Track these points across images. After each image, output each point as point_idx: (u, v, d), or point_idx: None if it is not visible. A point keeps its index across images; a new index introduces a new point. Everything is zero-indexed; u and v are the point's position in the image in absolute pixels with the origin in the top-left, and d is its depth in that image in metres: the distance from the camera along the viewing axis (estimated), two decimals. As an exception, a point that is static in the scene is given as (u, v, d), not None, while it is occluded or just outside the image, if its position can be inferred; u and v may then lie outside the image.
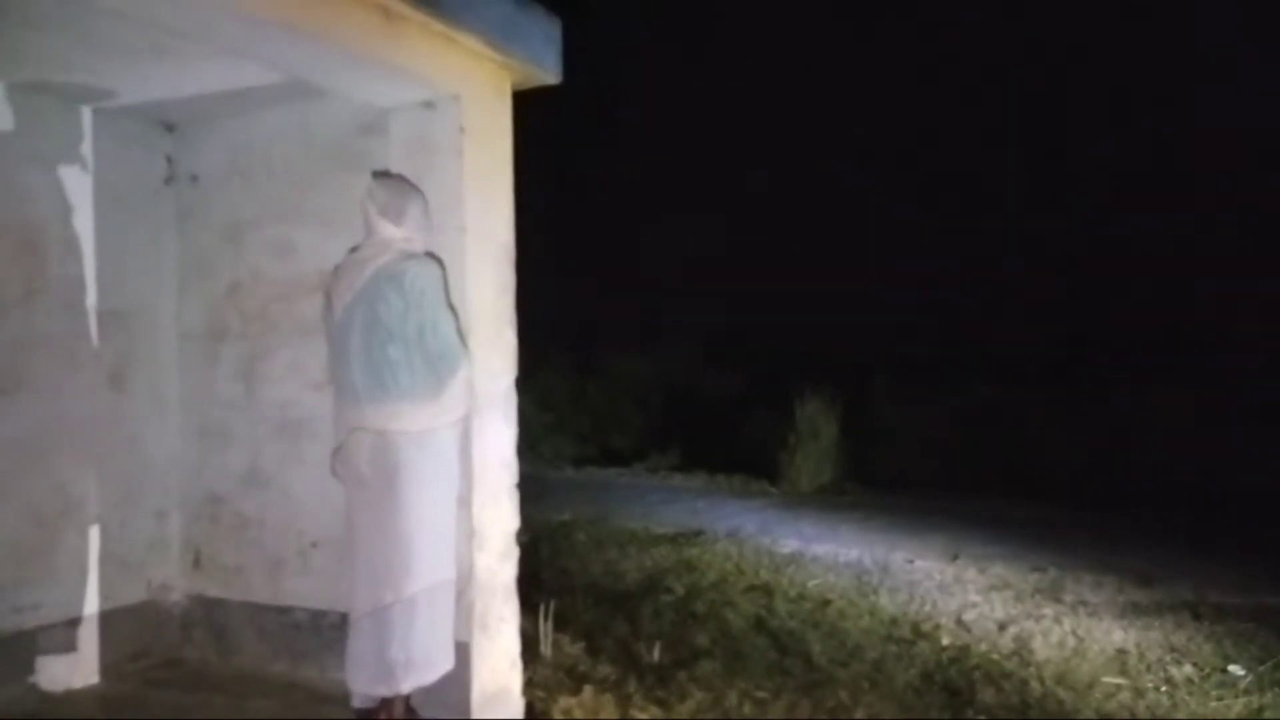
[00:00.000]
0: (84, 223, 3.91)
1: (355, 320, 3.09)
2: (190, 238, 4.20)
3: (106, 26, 3.09)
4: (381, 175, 3.28)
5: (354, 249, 3.26)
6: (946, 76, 13.95)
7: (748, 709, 3.69)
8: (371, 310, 3.06)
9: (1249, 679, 4.11)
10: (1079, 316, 11.83)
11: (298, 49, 3.02)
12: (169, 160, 4.23)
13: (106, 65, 3.48)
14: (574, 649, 4.26)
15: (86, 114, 3.92)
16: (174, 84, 3.67)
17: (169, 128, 4.21)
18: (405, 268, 3.08)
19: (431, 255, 3.22)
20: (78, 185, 3.89)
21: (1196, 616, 5.03)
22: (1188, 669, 4.25)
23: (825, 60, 15.09)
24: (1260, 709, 3.81)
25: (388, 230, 3.15)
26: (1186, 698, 3.92)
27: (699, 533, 6.98)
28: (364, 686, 3.05)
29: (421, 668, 3.02)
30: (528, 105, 3.74)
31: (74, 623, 3.83)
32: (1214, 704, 3.86)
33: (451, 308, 3.18)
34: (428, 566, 3.06)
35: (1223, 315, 10.45)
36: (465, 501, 3.31)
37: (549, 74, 3.64)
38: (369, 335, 3.06)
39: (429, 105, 3.44)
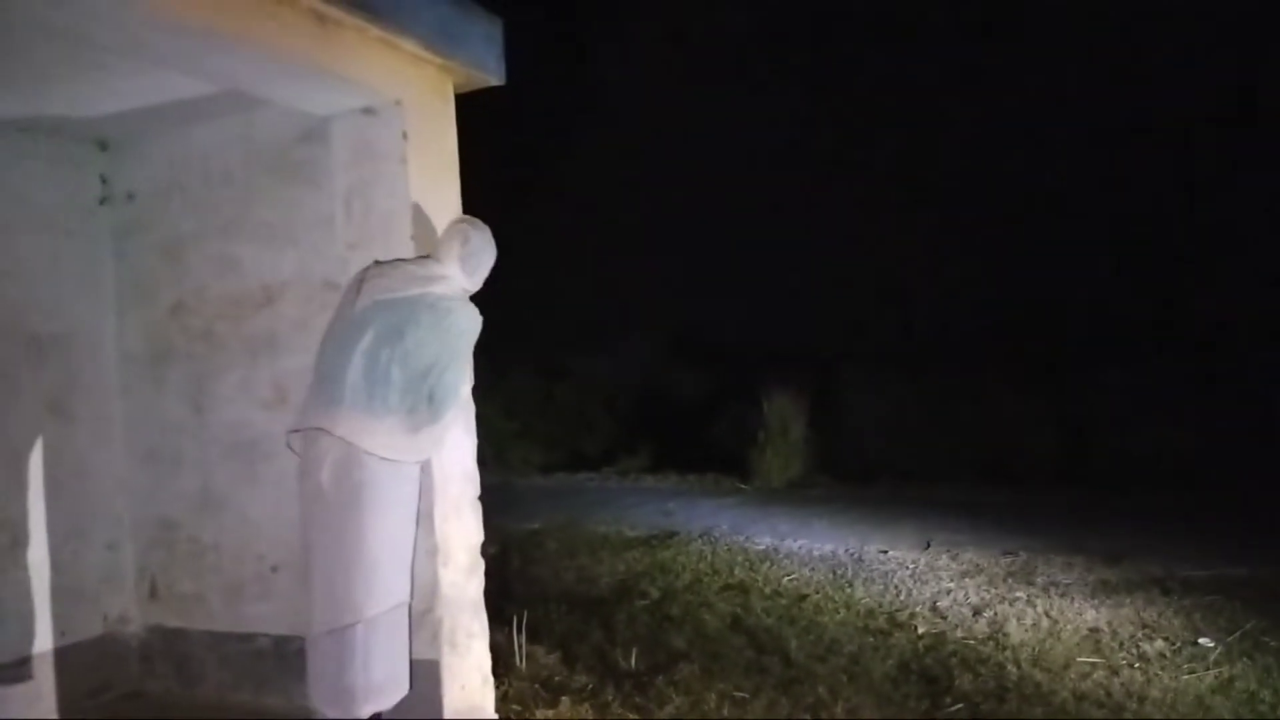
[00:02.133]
0: (17, 247, 3.79)
1: (375, 322, 2.96)
2: (129, 257, 4.07)
3: (32, 44, 2.99)
4: (479, 227, 3.20)
5: (406, 259, 3.17)
6: (897, 64, 14.06)
7: (727, 710, 3.64)
8: (398, 326, 2.95)
9: (1218, 650, 4.14)
10: (1040, 300, 11.95)
11: (231, 58, 2.94)
12: (104, 179, 4.10)
13: (33, 83, 3.36)
14: (549, 660, 4.19)
15: (15, 134, 3.79)
16: (105, 100, 3.56)
17: (102, 146, 4.09)
18: (455, 305, 3.04)
19: (475, 308, 3.15)
20: (9, 209, 3.77)
21: (1165, 592, 5.07)
22: (1159, 644, 4.28)
23: (779, 57, 15.16)
24: (1231, 679, 3.84)
25: (454, 271, 3.10)
26: (1159, 673, 3.94)
27: (672, 534, 6.93)
28: (324, 708, 2.95)
29: (381, 692, 2.93)
30: (477, 106, 3.67)
31: (30, 660, 3.71)
32: (1186, 677, 3.87)
33: (471, 364, 3.12)
34: (390, 588, 2.97)
35: (1184, 297, 10.59)
36: (426, 517, 3.23)
37: (492, 75, 3.58)
38: (382, 345, 2.94)
39: (370, 111, 3.36)
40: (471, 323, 3.08)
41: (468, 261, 3.12)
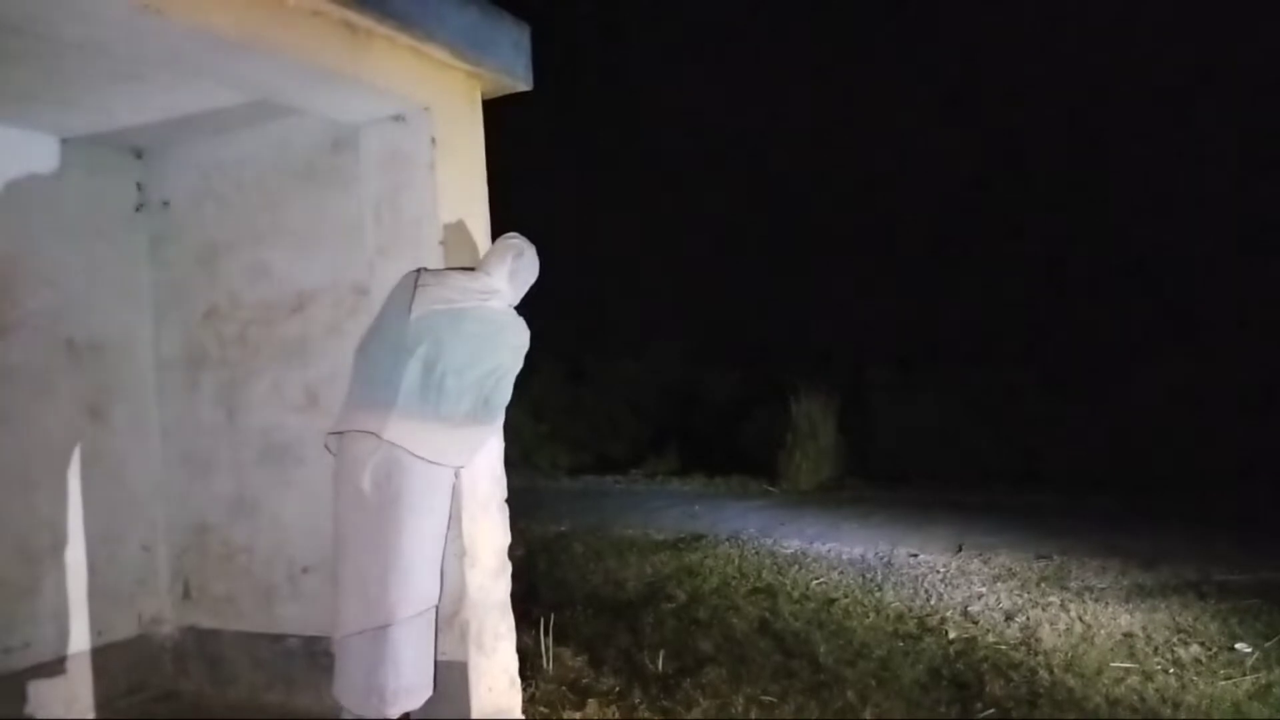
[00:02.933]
0: (56, 254, 3.86)
1: (431, 331, 2.98)
2: (164, 264, 4.14)
3: (71, 57, 3.05)
4: (530, 245, 3.25)
5: (455, 270, 3.21)
6: (932, 66, 13.97)
7: (755, 714, 3.63)
8: (454, 337, 2.99)
9: (1256, 656, 4.07)
10: (1075, 301, 11.81)
11: (263, 69, 2.98)
12: (139, 187, 4.18)
13: (72, 95, 3.43)
14: (576, 662, 4.20)
15: (54, 144, 3.87)
16: (141, 110, 3.63)
17: (138, 154, 4.16)
18: (508, 320, 3.13)
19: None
20: (48, 216, 3.84)
21: (1201, 596, 4.98)
22: (1195, 649, 4.21)
23: (815, 52, 15.10)
24: (1269, 685, 3.76)
25: (503, 285, 3.15)
26: (1195, 678, 3.87)
27: (699, 537, 6.92)
28: (352, 706, 2.99)
29: (410, 693, 2.96)
30: (503, 106, 3.70)
31: (67, 660, 3.77)
32: (1222, 683, 3.81)
33: (518, 376, 3.17)
34: (422, 591, 2.99)
35: (1219, 296, 10.43)
36: (455, 519, 3.25)
37: (519, 81, 3.61)
38: (437, 355, 2.97)
39: (399, 119, 3.40)
40: (523, 337, 3.16)
41: (516, 276, 3.18)
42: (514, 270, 3.17)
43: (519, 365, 3.16)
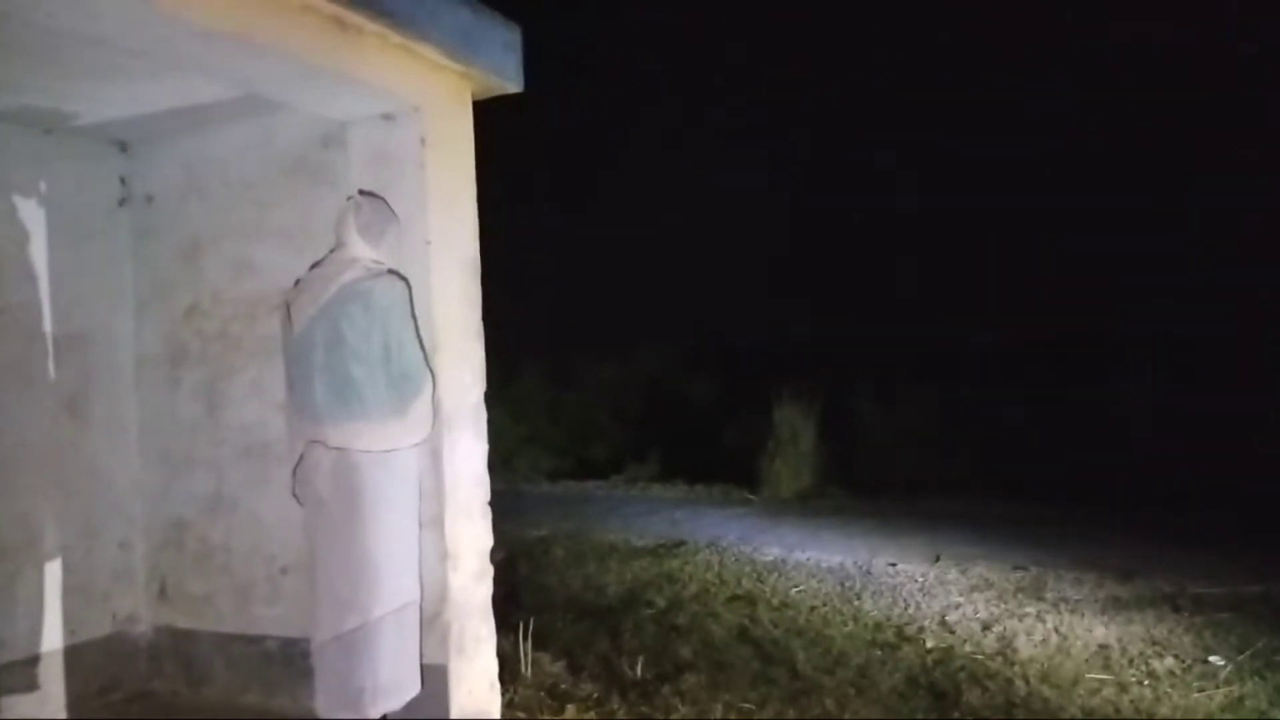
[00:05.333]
0: (38, 247, 3.82)
1: (317, 336, 3.03)
2: (147, 259, 4.11)
3: (56, 47, 3.02)
4: (367, 194, 3.24)
5: (316, 264, 3.19)
6: (911, 70, 14.07)
7: (733, 720, 3.64)
8: (335, 327, 3.00)
9: (1229, 669, 4.11)
10: (1054, 313, 11.91)
11: (253, 63, 2.97)
12: (123, 181, 4.14)
13: (57, 86, 3.40)
14: (555, 667, 4.19)
15: (38, 136, 3.82)
16: (127, 103, 3.59)
17: (123, 147, 4.12)
18: (372, 285, 3.04)
19: (397, 273, 3.16)
20: (30, 209, 3.80)
21: (1176, 609, 5.04)
22: (1169, 661, 4.25)
23: (793, 55, 15.18)
24: (1241, 698, 3.81)
25: (360, 249, 3.11)
26: (1169, 690, 3.91)
27: (679, 544, 6.92)
28: (332, 713, 2.97)
29: (390, 692, 2.96)
30: (489, 110, 3.70)
31: (39, 658, 3.73)
32: (1196, 695, 3.85)
33: (417, 327, 3.13)
34: (394, 589, 3.00)
35: (1196, 311, 10.56)
36: (437, 521, 3.25)
37: (510, 83, 3.60)
38: (332, 353, 3.00)
39: (389, 117, 3.39)
40: (393, 294, 3.07)
41: (369, 230, 3.13)
42: (363, 226, 3.11)
43: (408, 320, 3.09)
